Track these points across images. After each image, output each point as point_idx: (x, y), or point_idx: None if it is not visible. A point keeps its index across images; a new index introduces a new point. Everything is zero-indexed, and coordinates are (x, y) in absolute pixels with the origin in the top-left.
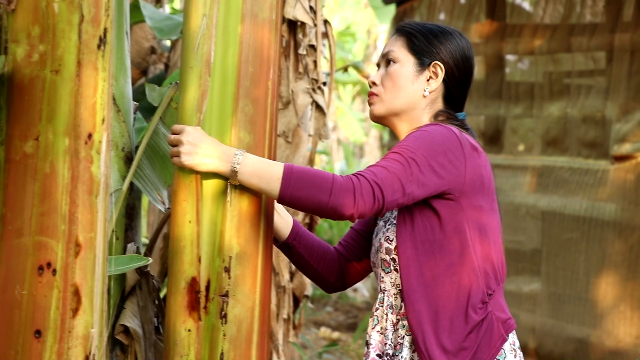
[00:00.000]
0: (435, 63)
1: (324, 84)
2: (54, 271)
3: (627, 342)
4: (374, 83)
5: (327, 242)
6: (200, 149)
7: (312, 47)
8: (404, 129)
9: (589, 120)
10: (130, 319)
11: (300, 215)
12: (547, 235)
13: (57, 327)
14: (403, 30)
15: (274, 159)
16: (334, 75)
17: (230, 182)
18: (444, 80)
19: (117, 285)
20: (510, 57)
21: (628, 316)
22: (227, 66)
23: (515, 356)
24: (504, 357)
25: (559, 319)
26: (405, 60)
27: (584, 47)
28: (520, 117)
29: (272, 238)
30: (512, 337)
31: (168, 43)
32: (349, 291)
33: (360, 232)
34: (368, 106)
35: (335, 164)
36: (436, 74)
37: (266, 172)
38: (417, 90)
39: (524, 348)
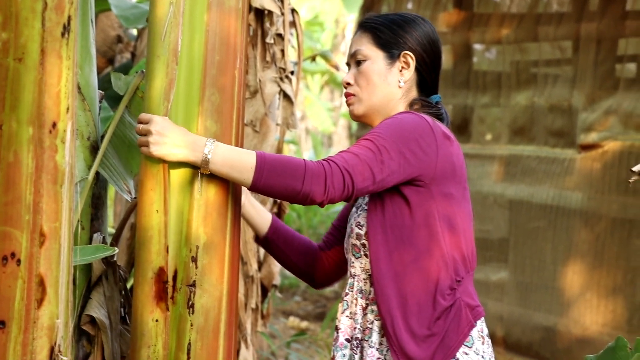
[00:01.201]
0: (405, 53)
1: (292, 73)
2: (19, 261)
3: (593, 330)
4: (348, 84)
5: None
6: (169, 138)
7: (280, 36)
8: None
9: (556, 109)
10: (97, 309)
11: (269, 204)
12: (515, 224)
13: (22, 318)
14: (366, 25)
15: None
16: (301, 65)
17: (201, 171)
18: (416, 68)
19: (82, 276)
20: (477, 47)
21: (595, 304)
22: (194, 54)
23: (483, 343)
24: (472, 344)
25: (526, 308)
26: (375, 55)
27: (551, 36)
28: (487, 107)
29: (239, 227)
30: (481, 324)
31: (134, 32)
32: None
33: (339, 227)
34: (347, 107)
35: (303, 153)
36: (407, 64)
37: (238, 161)
38: (392, 83)
39: (491, 337)
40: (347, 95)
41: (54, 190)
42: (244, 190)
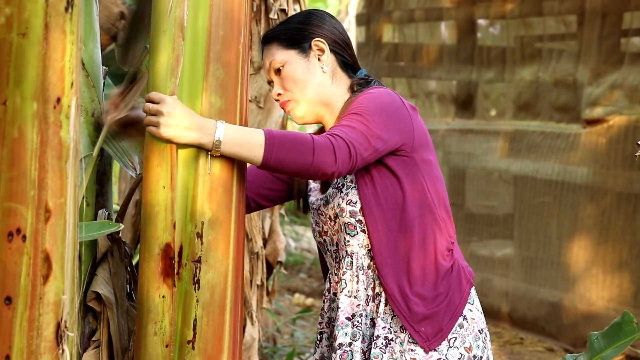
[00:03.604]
0: (315, 40)
1: None
2: (24, 237)
3: (599, 305)
4: (279, 94)
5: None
6: (180, 120)
7: (284, 12)
8: (325, 111)
9: (561, 84)
10: (102, 286)
11: None
12: (520, 199)
13: (28, 294)
14: (269, 38)
15: (246, 124)
16: None
17: (212, 153)
18: (331, 50)
19: (88, 252)
20: (481, 22)
21: (600, 279)
22: (198, 29)
23: (478, 300)
24: (473, 301)
25: (531, 283)
26: (289, 56)
27: (555, 10)
28: (492, 82)
29: (245, 204)
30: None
31: None
32: None
33: (283, 179)
34: (289, 116)
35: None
36: (321, 49)
37: (248, 140)
38: (316, 73)
39: (497, 312)
40: (282, 104)
41: (58, 166)
42: None
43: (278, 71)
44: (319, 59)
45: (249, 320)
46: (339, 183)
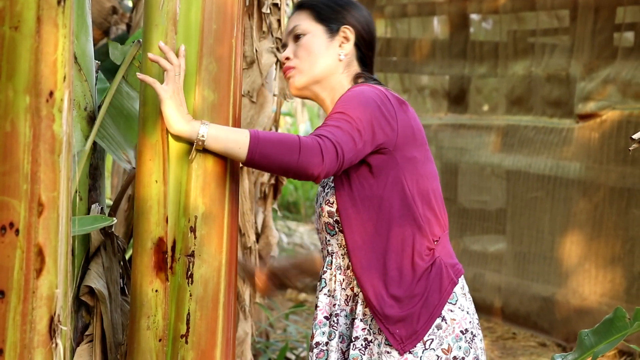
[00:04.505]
0: (345, 27)
1: None
2: (17, 231)
3: (592, 300)
4: (287, 58)
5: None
6: (179, 107)
7: (276, 6)
8: (326, 96)
9: (554, 79)
10: (95, 280)
11: (266, 176)
12: (512, 194)
13: (21, 288)
14: (304, 5)
15: (239, 118)
16: None
17: (196, 147)
18: (355, 43)
19: (81, 246)
20: (474, 17)
21: (593, 274)
22: (190, 23)
23: (466, 299)
24: (456, 300)
25: (524, 278)
26: (314, 29)
27: (548, 5)
28: (484, 77)
29: (237, 198)
30: (462, 282)
31: (130, 3)
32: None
33: None
34: (287, 81)
35: (299, 125)
36: (347, 38)
37: (233, 136)
38: (333, 55)
39: (489, 307)
40: (287, 69)
41: (51, 159)
42: None
43: (297, 37)
44: (340, 46)
45: (242, 314)
46: (324, 182)
